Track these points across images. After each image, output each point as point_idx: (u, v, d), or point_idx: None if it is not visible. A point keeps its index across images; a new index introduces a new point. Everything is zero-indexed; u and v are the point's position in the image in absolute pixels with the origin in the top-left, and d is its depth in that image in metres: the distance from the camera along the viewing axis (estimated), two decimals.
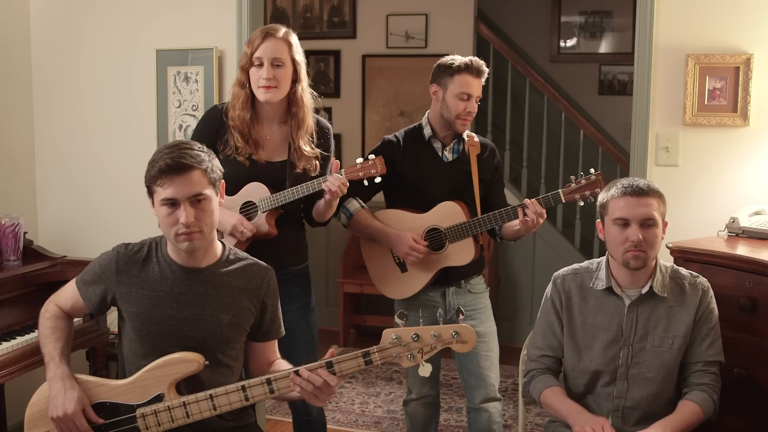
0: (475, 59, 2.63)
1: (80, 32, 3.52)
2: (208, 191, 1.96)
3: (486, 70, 2.65)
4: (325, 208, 2.50)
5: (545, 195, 2.54)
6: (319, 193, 2.46)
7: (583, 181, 2.52)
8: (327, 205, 2.47)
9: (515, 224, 2.58)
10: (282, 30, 2.47)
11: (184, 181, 1.92)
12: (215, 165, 2.02)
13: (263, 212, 2.47)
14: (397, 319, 1.90)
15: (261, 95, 2.44)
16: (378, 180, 2.44)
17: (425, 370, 1.89)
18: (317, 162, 2.53)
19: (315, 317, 2.66)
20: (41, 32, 3.56)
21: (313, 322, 2.64)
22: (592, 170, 2.54)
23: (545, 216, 2.52)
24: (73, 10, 3.52)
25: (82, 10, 3.51)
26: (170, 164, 1.92)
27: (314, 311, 2.66)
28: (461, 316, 1.92)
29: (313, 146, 2.53)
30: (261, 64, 2.42)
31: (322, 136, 2.59)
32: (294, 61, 2.47)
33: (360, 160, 2.44)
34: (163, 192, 1.93)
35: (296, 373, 1.91)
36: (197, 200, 1.94)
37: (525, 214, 2.50)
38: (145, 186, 2.00)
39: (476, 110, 2.66)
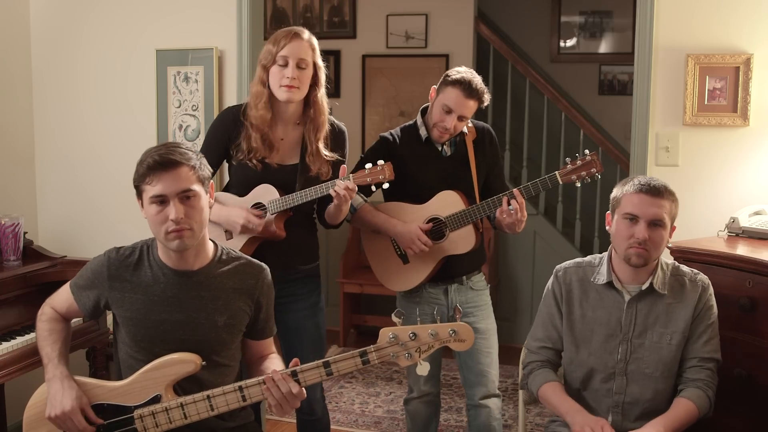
0: (475, 80, 2.58)
1: (80, 32, 3.52)
2: (197, 188, 1.95)
3: (484, 95, 2.60)
4: (335, 212, 2.49)
5: (542, 177, 2.55)
6: (329, 196, 2.45)
7: (579, 162, 2.52)
8: (336, 209, 2.46)
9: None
10: (307, 33, 2.48)
11: (172, 177, 1.91)
12: (204, 164, 2.01)
13: (272, 214, 2.47)
14: (394, 317, 1.89)
15: (282, 94, 2.43)
16: (386, 186, 2.42)
17: (423, 368, 1.89)
18: (329, 167, 2.53)
19: (323, 317, 2.66)
20: (41, 32, 3.56)
21: (321, 321, 2.64)
22: (586, 151, 2.54)
23: (524, 211, 2.51)
24: (73, 10, 3.52)
25: (83, 10, 3.51)
26: (158, 161, 1.92)
27: (323, 311, 2.66)
28: (459, 314, 1.92)
29: (328, 149, 2.53)
30: (285, 64, 2.42)
31: (337, 140, 2.58)
32: (315, 65, 2.49)
33: (369, 165, 2.41)
34: (152, 189, 1.92)
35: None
36: (186, 197, 1.93)
37: (509, 204, 2.50)
38: (134, 187, 1.99)
39: (456, 129, 2.62)
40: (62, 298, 2.15)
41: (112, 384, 2.02)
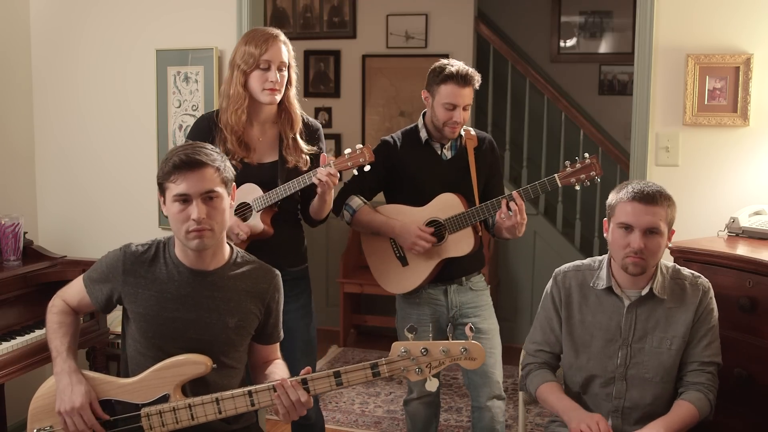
0: (463, 68, 2.61)
1: (80, 32, 3.53)
2: (220, 189, 1.97)
3: (476, 77, 2.63)
4: (319, 203, 2.50)
5: (542, 180, 2.56)
6: (314, 191, 2.47)
7: (578, 165, 2.53)
8: (320, 199, 2.47)
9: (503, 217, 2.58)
10: (282, 34, 2.51)
11: (197, 177, 1.93)
12: (228, 166, 2.03)
13: (257, 212, 2.49)
14: (406, 333, 1.89)
15: (266, 97, 2.47)
16: (367, 168, 2.44)
17: (432, 384, 1.89)
18: (308, 158, 2.56)
19: (313, 319, 2.66)
20: (41, 32, 3.56)
21: (312, 323, 2.65)
22: (586, 154, 2.56)
23: (524, 214, 2.52)
24: (73, 10, 3.52)
25: (82, 10, 3.51)
26: (184, 160, 1.93)
27: (313, 313, 2.67)
28: (471, 333, 1.91)
29: (304, 141, 2.56)
30: (268, 68, 2.44)
31: (312, 136, 2.61)
32: (289, 66, 2.52)
33: (348, 150, 2.45)
34: (176, 188, 1.94)
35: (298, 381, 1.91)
36: (209, 197, 1.95)
37: (509, 207, 2.51)
38: (157, 184, 2.01)
39: (466, 119, 2.65)
40: (74, 290, 2.15)
41: (121, 381, 2.03)
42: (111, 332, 3.18)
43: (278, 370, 2.10)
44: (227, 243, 2.11)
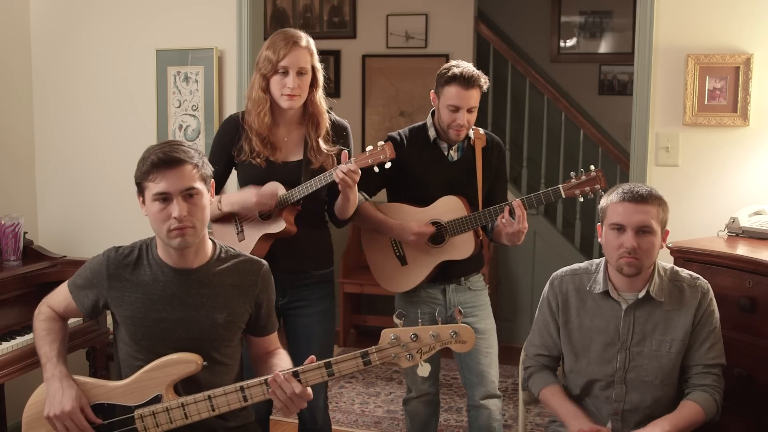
0: (468, 70, 2.59)
1: (80, 32, 3.53)
2: (200, 186, 1.97)
3: (481, 79, 2.60)
4: (342, 201, 2.50)
5: (545, 190, 2.55)
6: (338, 192, 2.47)
7: (583, 177, 2.52)
8: (344, 197, 2.47)
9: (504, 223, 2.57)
10: (304, 38, 2.49)
11: (176, 175, 1.92)
12: (206, 162, 2.02)
13: (280, 209, 2.48)
14: (395, 319, 1.89)
15: (284, 102, 2.46)
16: (388, 165, 2.43)
17: (424, 370, 1.89)
18: (333, 161, 2.54)
19: (333, 324, 2.66)
20: (41, 33, 3.56)
21: (331, 328, 2.64)
22: (592, 167, 2.55)
23: (526, 222, 2.50)
24: (73, 10, 3.52)
25: (82, 11, 3.51)
26: (163, 158, 1.92)
27: (333, 318, 2.65)
28: (460, 316, 1.92)
29: (330, 144, 2.56)
30: (286, 73, 2.44)
31: (339, 136, 2.60)
32: (314, 68, 2.51)
33: (369, 147, 2.44)
34: (156, 186, 1.93)
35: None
36: (189, 195, 1.94)
37: (512, 214, 2.50)
38: (135, 184, 2.00)
39: (471, 121, 2.63)
40: (60, 297, 2.14)
41: (113, 383, 2.02)
42: (110, 332, 3.18)
43: (280, 361, 2.09)
44: (210, 239, 2.10)
